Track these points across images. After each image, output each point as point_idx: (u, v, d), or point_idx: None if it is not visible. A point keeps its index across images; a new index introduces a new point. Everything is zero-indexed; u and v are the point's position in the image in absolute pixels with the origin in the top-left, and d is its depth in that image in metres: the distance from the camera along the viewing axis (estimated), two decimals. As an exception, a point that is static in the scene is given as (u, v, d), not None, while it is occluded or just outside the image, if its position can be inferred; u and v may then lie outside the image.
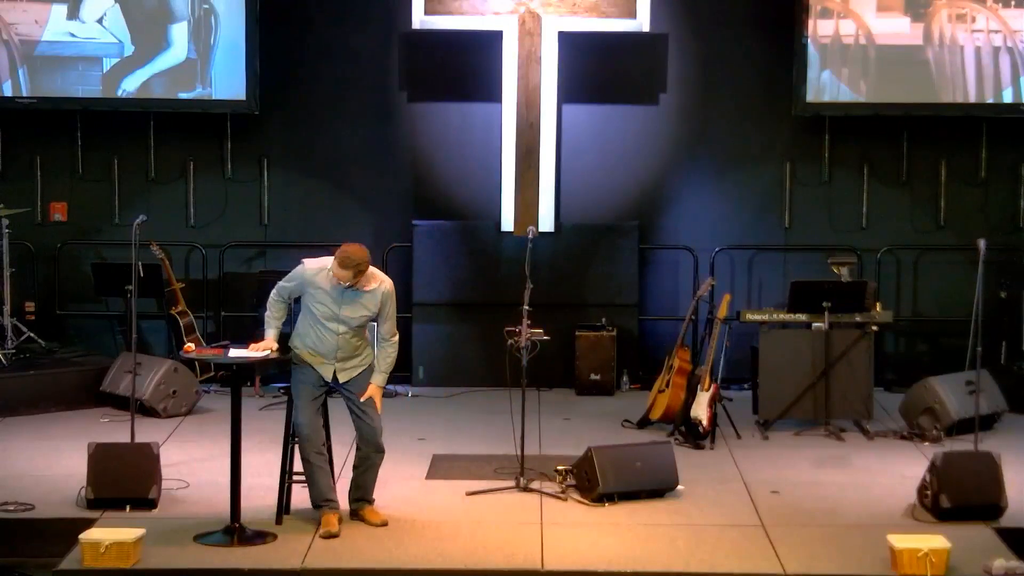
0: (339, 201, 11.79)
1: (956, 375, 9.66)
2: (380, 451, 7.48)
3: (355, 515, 7.55)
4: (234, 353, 7.45)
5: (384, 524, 7.46)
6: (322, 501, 7.42)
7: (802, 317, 9.88)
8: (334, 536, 7.31)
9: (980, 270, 8.17)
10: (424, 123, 11.80)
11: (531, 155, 11.20)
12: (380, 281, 7.43)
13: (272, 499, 7.66)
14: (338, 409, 7.64)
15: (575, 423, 10.20)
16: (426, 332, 11.51)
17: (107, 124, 11.75)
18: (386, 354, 7.50)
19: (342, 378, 7.44)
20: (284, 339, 7.61)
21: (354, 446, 7.57)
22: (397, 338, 7.55)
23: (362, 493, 7.53)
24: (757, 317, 9.98)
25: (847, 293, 9.86)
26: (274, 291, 7.52)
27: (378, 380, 7.48)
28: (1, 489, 8.02)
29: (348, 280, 7.25)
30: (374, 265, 7.49)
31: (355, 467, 7.51)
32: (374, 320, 7.48)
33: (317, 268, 7.40)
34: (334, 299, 7.34)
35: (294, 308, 7.61)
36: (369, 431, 7.42)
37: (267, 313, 7.52)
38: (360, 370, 7.50)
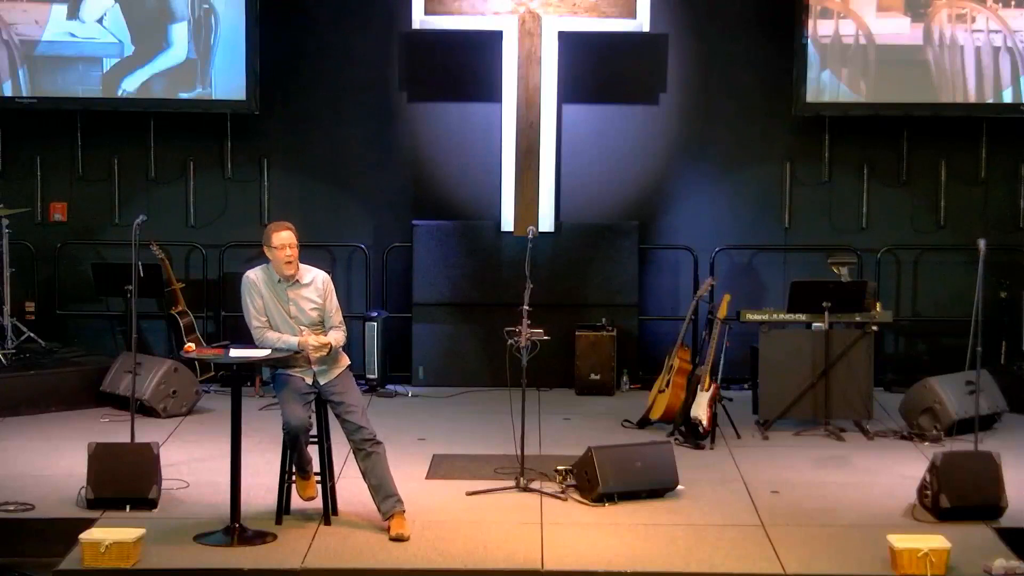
0: (339, 201, 11.79)
1: (956, 375, 9.66)
2: (374, 442, 7.37)
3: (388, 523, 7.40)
4: (234, 353, 7.45)
5: (400, 539, 7.24)
6: (307, 465, 7.53)
7: (802, 317, 9.88)
8: (312, 498, 7.53)
9: (980, 270, 8.16)
10: (424, 123, 11.80)
11: (531, 155, 11.20)
12: (315, 272, 7.56)
13: (272, 499, 7.66)
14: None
15: (575, 423, 10.20)
16: (426, 332, 11.51)
17: (107, 124, 11.75)
18: (336, 332, 7.49)
19: (322, 380, 7.46)
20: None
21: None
22: (344, 329, 7.56)
23: (383, 492, 7.37)
24: (757, 317, 9.98)
25: (847, 293, 9.86)
26: (252, 327, 7.48)
27: (328, 337, 7.43)
28: (1, 489, 8.02)
29: (291, 242, 7.34)
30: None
31: (363, 473, 7.44)
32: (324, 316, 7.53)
33: (256, 270, 7.54)
34: (279, 299, 7.45)
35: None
36: (353, 428, 7.37)
37: (272, 341, 7.42)
38: (339, 371, 7.51)
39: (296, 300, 7.46)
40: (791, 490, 8.36)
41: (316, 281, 7.52)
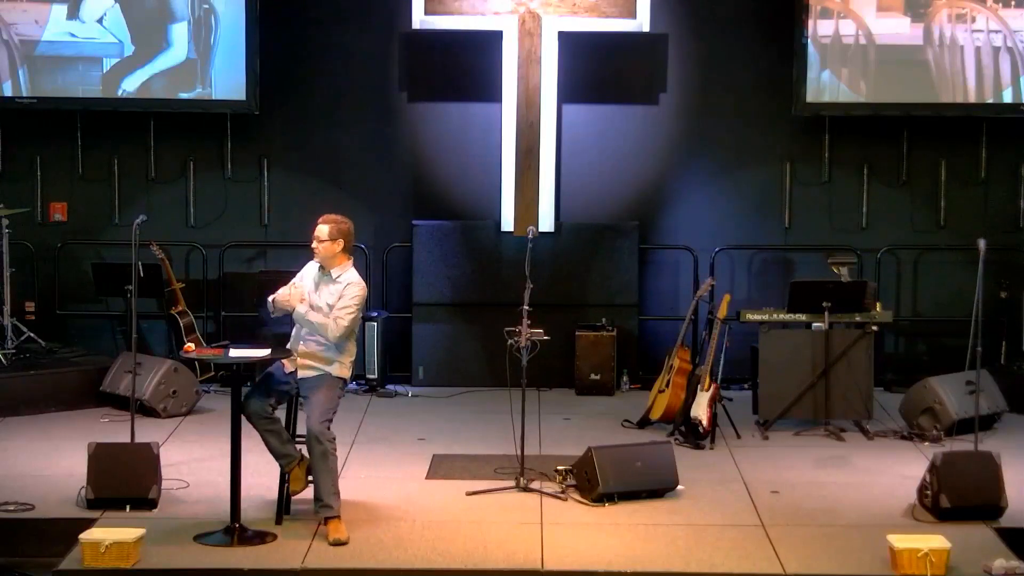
0: (339, 201, 11.73)
1: (956, 375, 9.66)
2: (316, 440, 7.24)
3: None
4: (234, 353, 7.46)
5: (337, 543, 7.18)
6: (279, 458, 7.49)
7: (802, 317, 9.88)
8: (298, 492, 7.49)
9: (980, 270, 8.16)
10: (424, 123, 11.80)
11: (531, 155, 11.20)
12: (351, 277, 7.60)
13: (272, 499, 7.66)
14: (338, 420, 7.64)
15: (575, 423, 10.20)
16: (426, 332, 11.52)
17: (107, 124, 11.75)
18: (325, 318, 7.47)
19: (300, 373, 7.51)
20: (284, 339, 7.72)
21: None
22: (339, 326, 7.42)
23: (316, 493, 7.31)
24: (757, 317, 9.98)
25: (847, 293, 9.86)
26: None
27: (303, 309, 7.47)
28: (1, 489, 8.02)
29: (318, 234, 7.53)
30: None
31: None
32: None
33: (310, 264, 7.75)
34: (314, 284, 7.63)
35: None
36: (307, 420, 7.37)
37: (269, 301, 7.63)
38: (317, 373, 7.51)
39: (322, 291, 7.58)
40: (791, 490, 8.36)
41: (344, 281, 7.58)
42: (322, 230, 7.57)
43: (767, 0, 11.66)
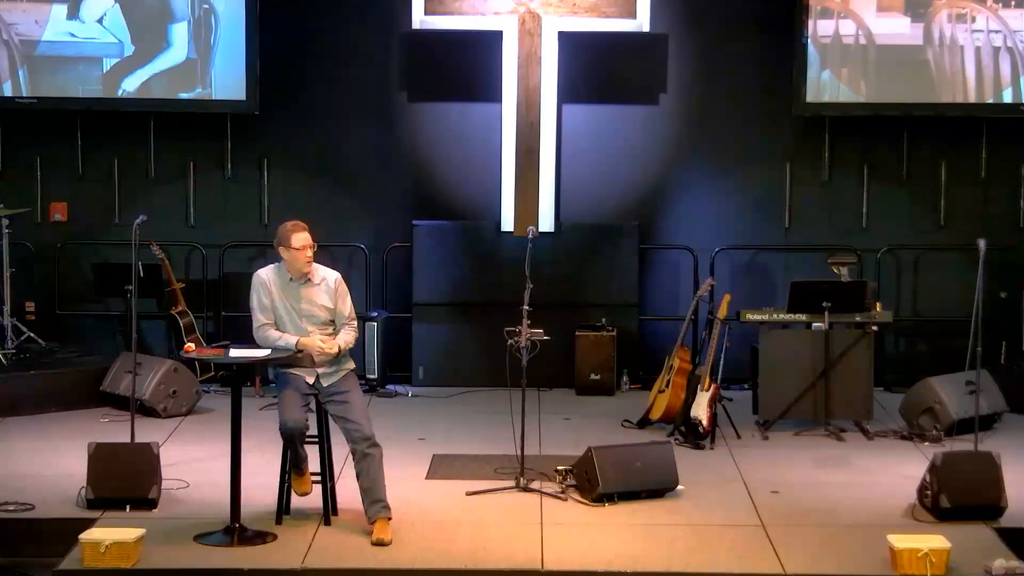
0: (339, 201, 11.79)
1: (956, 375, 9.65)
2: (372, 444, 7.33)
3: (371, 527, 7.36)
4: (234, 353, 7.45)
5: (380, 544, 7.19)
6: (302, 462, 7.50)
7: (802, 317, 9.88)
8: (307, 494, 7.57)
9: (980, 270, 8.16)
10: (424, 123, 11.80)
11: (531, 155, 11.20)
12: (326, 272, 7.60)
13: (272, 499, 7.66)
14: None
15: (575, 423, 10.20)
16: (426, 332, 11.52)
17: (107, 124, 11.75)
18: (347, 332, 7.52)
19: (325, 382, 7.46)
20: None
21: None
22: (356, 324, 7.60)
23: (372, 495, 7.32)
24: (757, 317, 9.98)
25: (847, 293, 9.86)
26: (255, 326, 7.53)
27: (338, 340, 7.45)
28: (1, 489, 8.02)
29: (311, 243, 7.41)
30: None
31: (357, 475, 7.40)
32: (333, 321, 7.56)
33: (267, 270, 7.59)
34: (291, 298, 7.47)
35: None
36: (354, 428, 7.35)
37: (273, 340, 7.44)
38: (342, 374, 7.51)
39: (308, 299, 7.48)
40: (791, 490, 8.36)
41: (328, 281, 7.54)
42: (309, 238, 7.43)
43: (767, 0, 11.66)
